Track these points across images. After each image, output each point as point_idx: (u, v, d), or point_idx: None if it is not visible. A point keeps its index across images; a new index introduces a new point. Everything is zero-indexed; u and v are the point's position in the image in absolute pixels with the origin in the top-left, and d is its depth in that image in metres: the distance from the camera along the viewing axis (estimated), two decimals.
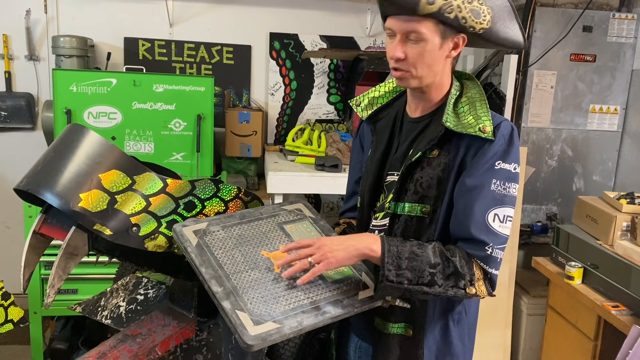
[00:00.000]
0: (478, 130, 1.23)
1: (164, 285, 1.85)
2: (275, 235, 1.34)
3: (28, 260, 1.35)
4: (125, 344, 1.59)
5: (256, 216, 1.38)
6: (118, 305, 1.86)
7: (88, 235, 1.30)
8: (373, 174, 1.42)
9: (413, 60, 1.25)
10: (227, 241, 1.28)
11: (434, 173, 1.29)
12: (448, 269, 1.20)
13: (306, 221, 1.42)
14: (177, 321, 1.66)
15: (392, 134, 1.42)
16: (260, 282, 1.19)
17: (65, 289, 2.51)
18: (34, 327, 2.45)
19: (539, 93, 3.07)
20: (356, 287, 1.27)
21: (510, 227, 1.25)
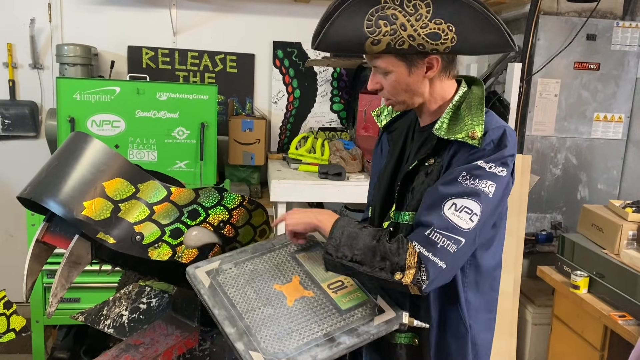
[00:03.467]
0: (466, 136, 1.21)
1: (167, 294, 1.84)
2: (288, 267, 1.33)
3: (31, 269, 1.34)
4: (127, 354, 1.58)
5: (268, 248, 1.38)
6: (120, 314, 1.84)
7: (91, 244, 1.30)
8: (385, 185, 1.42)
9: (388, 89, 1.28)
10: (239, 278, 1.27)
11: (430, 181, 1.28)
12: (379, 250, 1.17)
13: (318, 248, 1.40)
14: (180, 330, 1.64)
15: (405, 143, 1.42)
16: (273, 318, 1.18)
17: (68, 298, 2.50)
18: (36, 336, 2.44)
19: (542, 101, 3.06)
20: (371, 313, 1.26)
21: (467, 220, 1.15)
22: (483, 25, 1.16)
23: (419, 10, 1.13)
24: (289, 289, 1.25)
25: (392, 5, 1.13)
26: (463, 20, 1.15)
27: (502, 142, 1.21)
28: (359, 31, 1.14)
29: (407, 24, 1.14)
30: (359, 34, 1.14)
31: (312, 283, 1.28)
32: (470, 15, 1.15)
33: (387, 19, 1.13)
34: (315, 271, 1.33)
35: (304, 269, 1.31)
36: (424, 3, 1.13)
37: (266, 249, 1.36)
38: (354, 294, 1.28)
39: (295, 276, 1.28)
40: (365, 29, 1.14)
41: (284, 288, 1.26)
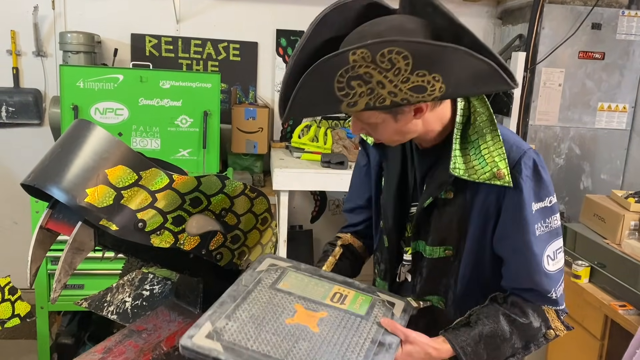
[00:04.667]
0: (493, 177, 1.12)
1: (169, 281, 1.85)
2: (281, 300, 1.24)
3: (35, 255, 1.35)
4: (130, 339, 1.59)
5: (244, 290, 1.28)
6: (124, 300, 1.86)
7: (94, 231, 1.30)
8: (393, 208, 1.36)
9: (374, 135, 1.19)
10: (245, 329, 1.15)
11: (452, 215, 1.22)
12: (524, 333, 1.17)
13: (289, 272, 1.35)
14: (182, 317, 1.65)
15: (404, 161, 1.33)
16: (314, 348, 1.11)
17: (72, 284, 2.52)
18: (40, 322, 2.46)
19: (546, 91, 3.05)
20: (387, 308, 1.24)
21: (562, 256, 1.20)
22: (476, 68, 1.00)
23: (397, 64, 0.97)
24: (302, 318, 1.18)
25: (364, 64, 0.97)
26: (451, 67, 0.99)
27: (538, 173, 1.15)
28: (332, 95, 1.01)
29: (384, 81, 0.98)
30: (332, 98, 1.01)
31: (316, 304, 1.22)
32: (458, 61, 0.99)
33: (361, 79, 0.98)
34: (307, 293, 1.27)
35: (297, 295, 1.24)
36: (401, 56, 0.96)
37: (244, 292, 1.26)
38: (358, 299, 1.26)
39: (296, 304, 1.21)
40: (337, 92, 1.00)
41: (297, 319, 1.18)
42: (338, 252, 1.55)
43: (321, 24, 1.08)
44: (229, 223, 1.48)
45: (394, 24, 1.04)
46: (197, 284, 1.67)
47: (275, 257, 1.39)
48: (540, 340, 1.19)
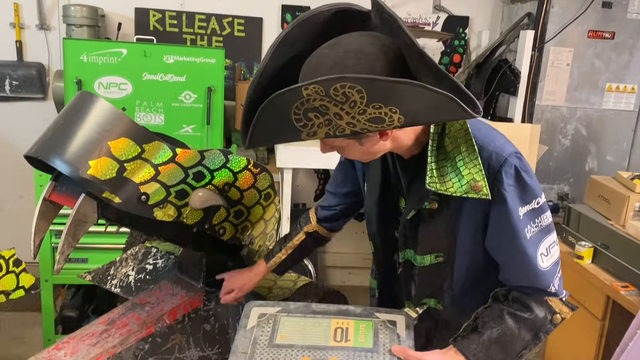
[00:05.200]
0: (470, 190, 1.09)
1: (172, 256, 1.87)
2: (285, 357, 1.18)
3: (38, 226, 1.35)
4: (133, 312, 1.61)
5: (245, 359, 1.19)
6: (127, 274, 1.87)
7: (97, 203, 1.30)
8: (376, 215, 1.35)
9: (344, 155, 1.17)
10: None
11: (439, 225, 1.21)
12: (531, 326, 1.17)
13: (281, 319, 1.29)
14: (185, 291, 1.67)
15: (384, 170, 1.31)
16: None
17: (76, 258, 2.53)
18: (45, 295, 2.48)
19: (554, 70, 3.02)
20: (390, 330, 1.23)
21: (557, 249, 1.18)
22: (433, 100, 0.96)
23: (351, 97, 0.93)
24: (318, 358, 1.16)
25: (318, 97, 0.94)
26: (407, 100, 0.95)
27: (520, 177, 1.12)
28: (290, 125, 0.99)
29: (341, 113, 0.95)
30: (291, 127, 0.99)
31: (322, 351, 1.19)
32: (414, 94, 0.95)
33: (317, 111, 0.96)
34: (308, 339, 1.22)
35: (300, 347, 1.19)
36: (355, 90, 0.92)
37: (243, 349, 1.20)
38: (360, 329, 1.24)
39: (303, 358, 1.17)
40: (295, 123, 0.99)
41: None
42: (300, 238, 1.58)
43: (281, 45, 1.05)
44: (232, 198, 1.48)
45: (351, 47, 1.00)
46: (200, 258, 1.68)
47: (261, 304, 1.33)
48: (548, 327, 1.19)
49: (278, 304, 1.33)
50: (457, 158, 1.11)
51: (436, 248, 1.23)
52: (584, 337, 2.40)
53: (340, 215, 1.58)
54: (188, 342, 1.53)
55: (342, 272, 3.79)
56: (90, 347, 1.44)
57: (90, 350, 1.43)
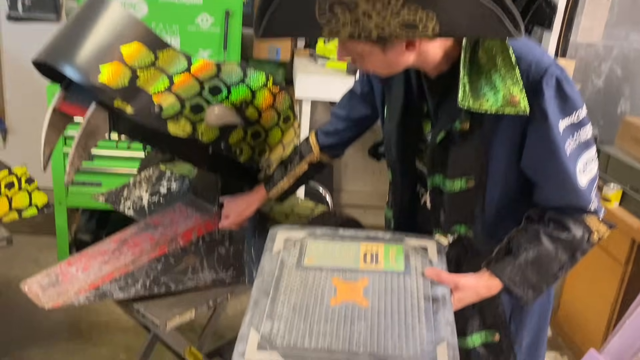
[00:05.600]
0: (506, 105, 1.00)
1: (187, 179, 1.82)
2: (314, 279, 1.12)
3: (48, 138, 1.30)
4: (147, 232, 1.57)
5: (272, 280, 1.12)
6: (141, 197, 1.84)
7: (109, 114, 1.24)
8: (397, 140, 1.26)
9: (361, 65, 1.09)
10: (293, 324, 1.02)
11: (470, 147, 1.12)
12: (569, 246, 1.11)
13: (308, 242, 1.23)
14: (199, 213, 1.63)
15: (408, 90, 1.21)
16: (374, 327, 1.01)
17: (89, 182, 2.51)
18: (59, 218, 2.47)
19: (593, 4, 2.83)
20: (422, 255, 1.17)
21: (595, 165, 1.11)
22: (476, 11, 0.89)
23: None
24: (346, 294, 1.08)
25: None
26: (447, 5, 0.88)
27: (561, 88, 1.02)
28: (312, 19, 0.90)
29: (372, 12, 0.88)
30: (312, 22, 0.91)
31: (352, 273, 1.13)
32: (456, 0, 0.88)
33: (345, 5, 0.88)
34: (337, 261, 1.16)
35: (329, 269, 1.14)
36: None
37: (272, 282, 1.12)
38: (390, 252, 1.18)
39: (333, 279, 1.11)
40: (318, 17, 0.90)
41: (341, 297, 1.08)
42: (302, 169, 1.49)
43: None
44: (250, 118, 1.40)
45: None
46: (215, 181, 1.63)
47: (286, 228, 1.28)
48: (585, 247, 1.12)
49: (304, 228, 1.28)
50: (492, 71, 1.03)
51: (467, 172, 1.15)
52: (603, 281, 2.35)
53: (346, 141, 1.49)
54: (202, 264, 1.50)
55: (357, 210, 3.74)
56: (102, 265, 1.42)
57: (102, 267, 1.41)
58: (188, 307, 1.41)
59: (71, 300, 1.31)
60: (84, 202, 2.49)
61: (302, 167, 1.48)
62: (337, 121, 1.45)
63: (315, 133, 1.49)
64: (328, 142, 1.46)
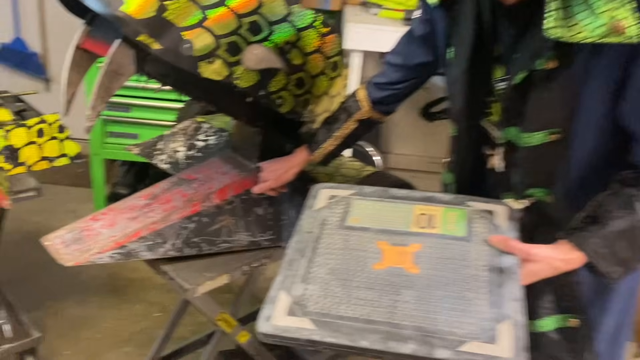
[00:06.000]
0: (608, 33, 0.81)
1: (225, 133, 1.68)
2: (358, 240, 0.99)
3: (70, 78, 1.18)
4: (179, 188, 1.45)
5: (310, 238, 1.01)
6: (176, 150, 1.72)
7: (135, 53, 1.10)
8: (464, 87, 1.06)
9: None
10: (329, 289, 0.91)
11: (556, 91, 0.94)
12: None
13: (354, 201, 1.07)
14: (237, 170, 1.50)
15: (478, 26, 1.02)
16: (424, 298, 0.87)
17: (125, 133, 2.41)
18: (95, 170, 2.40)
19: None
20: (486, 219, 0.99)
21: None
22: None
23: None
24: (393, 258, 0.94)
25: None
26: None
27: None
28: None
29: None
30: None
31: (402, 236, 0.98)
32: None
33: None
34: (386, 223, 1.02)
35: (375, 230, 0.99)
36: None
37: (310, 240, 1.01)
38: (449, 216, 1.01)
39: (379, 242, 0.97)
40: None
41: (387, 261, 0.94)
42: (350, 127, 1.31)
43: None
44: (293, 61, 1.24)
45: None
46: (255, 135, 1.48)
47: (330, 186, 1.14)
48: None
49: (351, 186, 1.13)
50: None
51: (550, 122, 0.95)
52: None
53: (402, 95, 1.29)
54: (237, 226, 1.37)
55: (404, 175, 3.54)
56: (129, 221, 1.30)
57: (129, 224, 1.29)
58: (221, 272, 1.29)
59: (94, 258, 1.20)
60: (120, 154, 2.41)
61: (349, 125, 1.30)
62: (391, 71, 1.26)
63: (365, 86, 1.30)
64: (380, 96, 1.27)
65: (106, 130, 2.41)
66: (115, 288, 2.30)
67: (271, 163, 1.39)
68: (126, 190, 2.51)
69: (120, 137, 2.41)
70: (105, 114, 2.35)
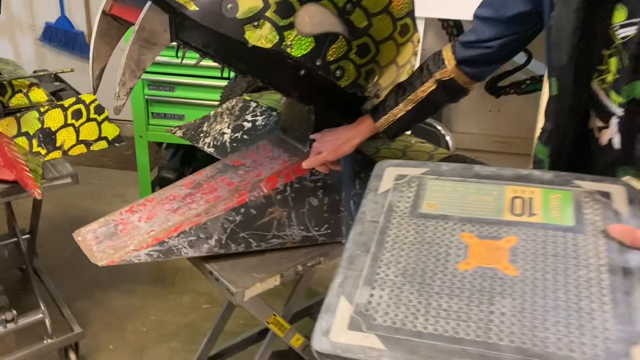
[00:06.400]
0: None
1: (275, 112, 1.51)
2: (436, 232, 0.81)
3: (97, 50, 1.02)
4: (224, 175, 1.29)
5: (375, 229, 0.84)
6: (222, 132, 1.55)
7: (170, 18, 0.93)
8: (572, 34, 0.85)
9: None
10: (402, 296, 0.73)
11: None
12: None
13: (429, 182, 0.89)
14: (288, 154, 1.32)
15: None
16: (525, 309, 0.69)
17: (171, 114, 2.27)
18: (140, 153, 2.29)
19: None
20: (601, 202, 0.78)
21: None
22: None
23: None
24: (482, 256, 0.76)
25: None
26: None
27: None
28: None
29: None
30: None
31: (493, 226, 0.79)
32: None
33: None
34: (471, 209, 0.83)
35: (458, 218, 0.81)
36: None
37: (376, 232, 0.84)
38: (552, 199, 0.81)
39: (463, 234, 0.79)
40: None
41: (474, 259, 0.76)
42: (427, 88, 1.08)
43: None
44: (356, 25, 1.03)
45: None
46: (307, 114, 1.30)
47: (398, 164, 0.94)
48: None
49: (423, 163, 0.92)
50: None
51: None
52: None
53: (494, 56, 1.05)
54: (289, 218, 1.20)
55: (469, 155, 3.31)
56: (169, 213, 1.15)
57: (170, 217, 1.14)
58: (271, 273, 1.12)
59: (129, 256, 1.06)
60: (166, 136, 2.27)
61: (427, 86, 1.08)
62: (481, 26, 1.02)
63: (451, 45, 1.08)
64: (468, 55, 1.04)
65: (150, 112, 2.28)
66: (162, 277, 2.19)
67: (327, 133, 1.20)
68: (172, 175, 2.39)
69: (165, 119, 2.28)
70: (148, 93, 2.22)
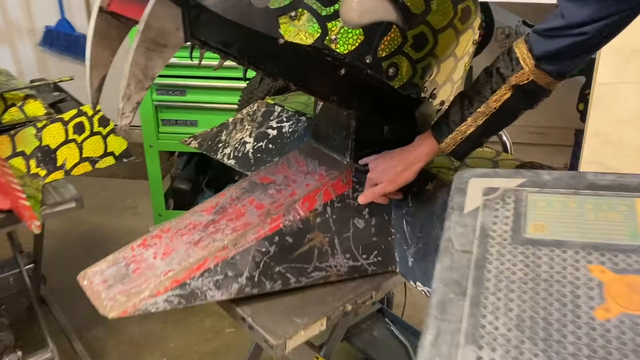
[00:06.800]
0: None
1: (304, 117, 1.32)
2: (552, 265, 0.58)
3: (96, 56, 0.83)
4: (252, 196, 1.10)
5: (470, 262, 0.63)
6: (243, 141, 1.37)
7: (183, 13, 0.73)
8: None
9: None
10: None
11: None
12: None
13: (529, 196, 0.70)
14: (325, 167, 1.13)
15: None
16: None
17: (183, 120, 2.08)
18: (150, 163, 2.11)
19: None
20: None
21: None
22: None
23: None
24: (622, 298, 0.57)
25: None
26: None
27: None
28: None
29: None
30: None
31: (628, 254, 0.61)
32: None
33: None
34: (594, 232, 0.65)
35: (579, 245, 0.63)
36: None
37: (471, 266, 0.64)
38: None
39: (591, 267, 0.60)
40: None
41: (614, 303, 0.57)
42: (501, 97, 0.89)
43: None
44: (412, 10, 0.84)
45: None
46: (346, 119, 1.10)
47: (484, 174, 0.75)
48: None
49: (518, 172, 0.72)
50: None
51: None
52: None
53: (587, 45, 0.83)
54: (332, 245, 1.01)
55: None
56: (190, 247, 0.96)
57: (190, 251, 0.95)
58: (316, 315, 0.93)
59: (145, 304, 0.88)
60: (178, 145, 2.09)
61: (500, 95, 0.87)
62: (573, 7, 0.80)
63: (524, 39, 0.86)
64: (554, 48, 0.83)
65: (160, 118, 2.09)
66: None
67: (380, 160, 1.01)
68: (187, 185, 2.21)
69: (177, 125, 2.08)
70: (157, 99, 2.03)
